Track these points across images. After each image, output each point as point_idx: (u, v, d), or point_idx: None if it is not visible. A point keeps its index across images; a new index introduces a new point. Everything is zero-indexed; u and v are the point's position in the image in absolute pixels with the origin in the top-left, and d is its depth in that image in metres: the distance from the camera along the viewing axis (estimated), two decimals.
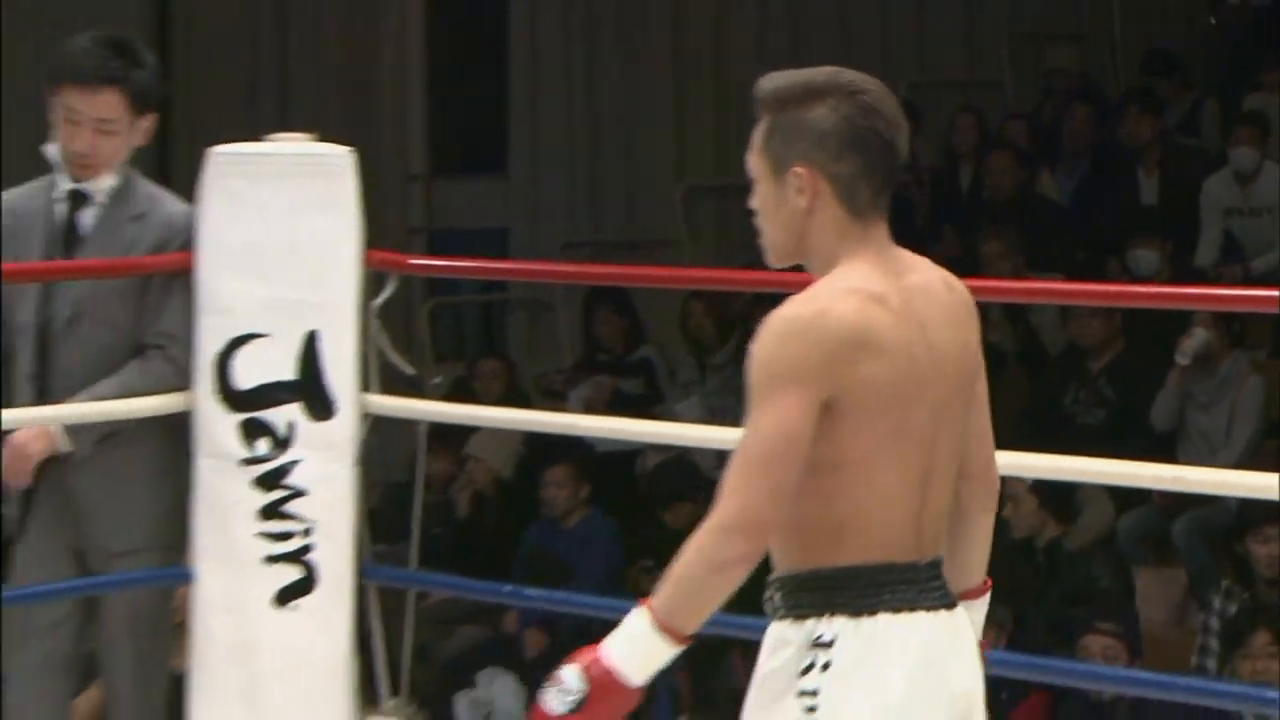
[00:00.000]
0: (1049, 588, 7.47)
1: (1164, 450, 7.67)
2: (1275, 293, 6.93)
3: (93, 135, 4.27)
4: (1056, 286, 7.05)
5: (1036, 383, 8.57)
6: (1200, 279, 8.63)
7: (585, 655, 2.80)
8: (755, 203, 2.93)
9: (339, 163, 4.44)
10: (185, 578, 4.42)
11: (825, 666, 2.80)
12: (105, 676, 4.52)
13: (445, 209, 11.14)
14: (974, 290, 8.69)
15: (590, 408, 8.75)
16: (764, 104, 2.91)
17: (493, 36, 11.09)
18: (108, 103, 4.26)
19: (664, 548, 8.27)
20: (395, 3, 10.98)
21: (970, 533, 3.02)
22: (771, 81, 2.90)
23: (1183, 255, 9.03)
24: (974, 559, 3.03)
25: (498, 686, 7.87)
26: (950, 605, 2.90)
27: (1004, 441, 3.97)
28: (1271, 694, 5.87)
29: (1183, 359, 7.79)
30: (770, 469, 2.73)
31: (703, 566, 2.76)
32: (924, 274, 2.96)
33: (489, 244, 10.88)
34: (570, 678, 2.78)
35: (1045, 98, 11.00)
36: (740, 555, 2.73)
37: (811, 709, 2.80)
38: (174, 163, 11.31)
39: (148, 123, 4.34)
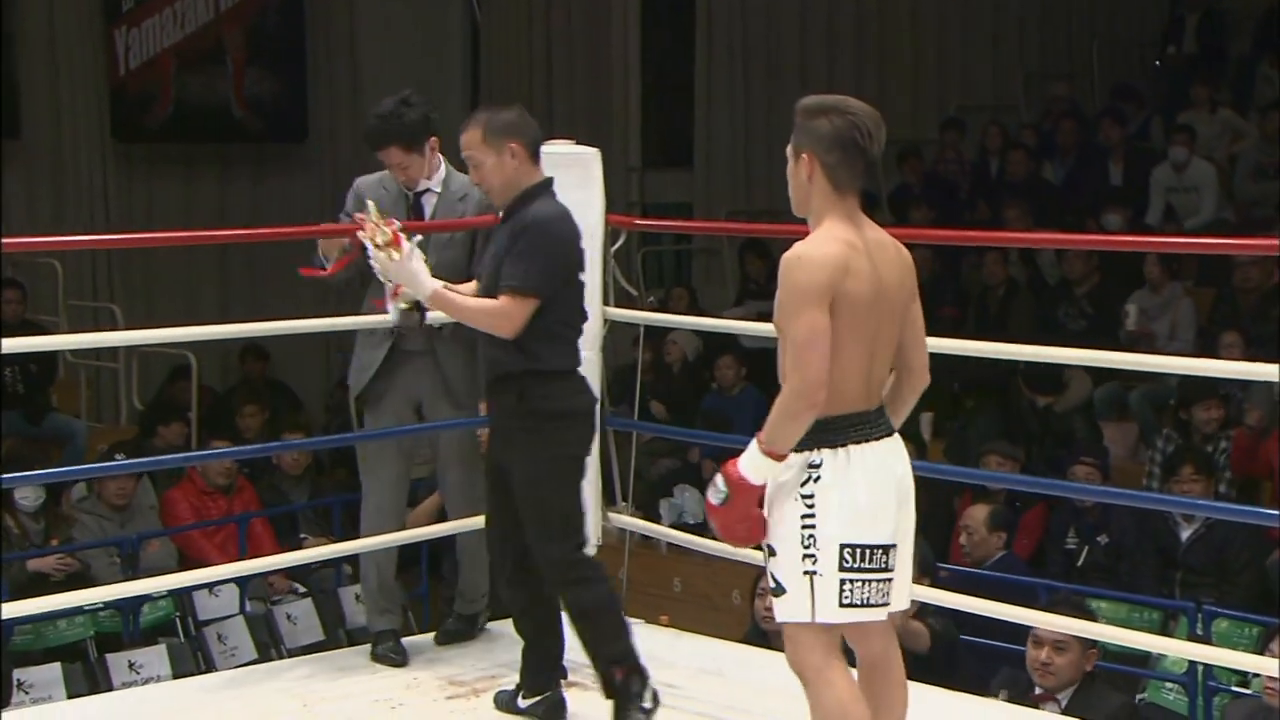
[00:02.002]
0: (1046, 436, 7.43)
1: (1125, 348, 7.58)
2: (1199, 240, 6.87)
3: (399, 170, 4.26)
4: (1054, 236, 6.97)
5: (1040, 302, 8.49)
6: (1150, 232, 8.50)
7: (726, 467, 2.89)
8: (789, 174, 2.97)
9: (589, 158, 4.42)
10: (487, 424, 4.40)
11: (816, 479, 2.87)
12: (442, 488, 4.46)
13: (652, 189, 11.13)
14: (998, 240, 8.63)
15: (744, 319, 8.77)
16: (796, 114, 2.95)
17: (682, 80, 11.05)
18: (394, 151, 4.23)
19: None
20: (620, 50, 10.96)
21: (901, 403, 3.04)
22: (802, 101, 2.96)
23: (1138, 218, 8.88)
24: (898, 416, 3.04)
25: (686, 497, 7.88)
26: (891, 433, 2.94)
27: (1019, 340, 3.96)
28: (1192, 502, 5.85)
29: (1130, 325, 7.69)
30: (814, 351, 2.80)
31: (783, 414, 2.82)
32: (880, 235, 2.96)
33: (680, 212, 10.86)
34: (719, 481, 2.90)
35: (1046, 115, 10.81)
36: (808, 406, 2.81)
37: (810, 505, 2.86)
38: None
39: (432, 143, 4.25)
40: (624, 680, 3.57)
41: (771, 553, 2.89)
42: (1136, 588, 5.99)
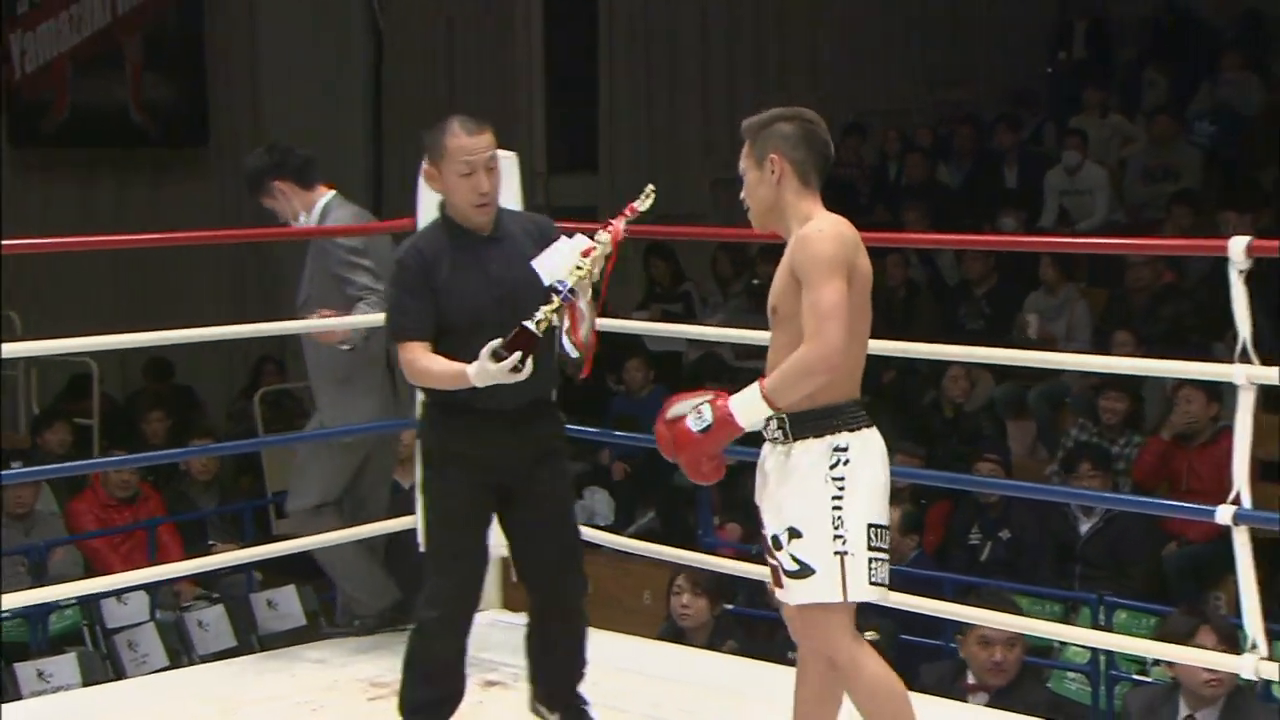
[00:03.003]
0: (952, 435, 7.55)
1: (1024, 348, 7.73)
2: (1089, 240, 7.03)
3: None
4: (954, 237, 7.06)
5: (941, 303, 8.63)
6: (1045, 234, 8.66)
7: (716, 400, 2.88)
8: (745, 192, 2.99)
9: (508, 163, 4.35)
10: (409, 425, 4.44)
11: (846, 462, 2.88)
12: (359, 496, 4.50)
13: (557, 193, 11.15)
14: (900, 242, 8.64)
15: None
16: (748, 131, 2.98)
17: (587, 82, 11.09)
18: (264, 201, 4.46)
19: None
20: (524, 54, 10.97)
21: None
22: (752, 119, 3.00)
23: (1033, 220, 9.06)
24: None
25: (597, 499, 7.90)
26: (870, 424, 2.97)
27: (924, 340, 4.06)
28: (1090, 494, 5.99)
29: (1031, 333, 7.83)
30: (839, 320, 2.81)
31: (799, 371, 2.82)
32: None
33: (585, 216, 10.82)
34: (706, 410, 2.86)
35: (943, 120, 10.98)
36: (826, 370, 2.82)
37: (841, 486, 2.86)
38: (387, 167, 11.42)
39: (279, 188, 4.39)
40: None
41: (795, 535, 2.87)
42: (1037, 581, 6.11)
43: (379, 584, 4.44)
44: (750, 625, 5.67)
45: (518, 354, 3.10)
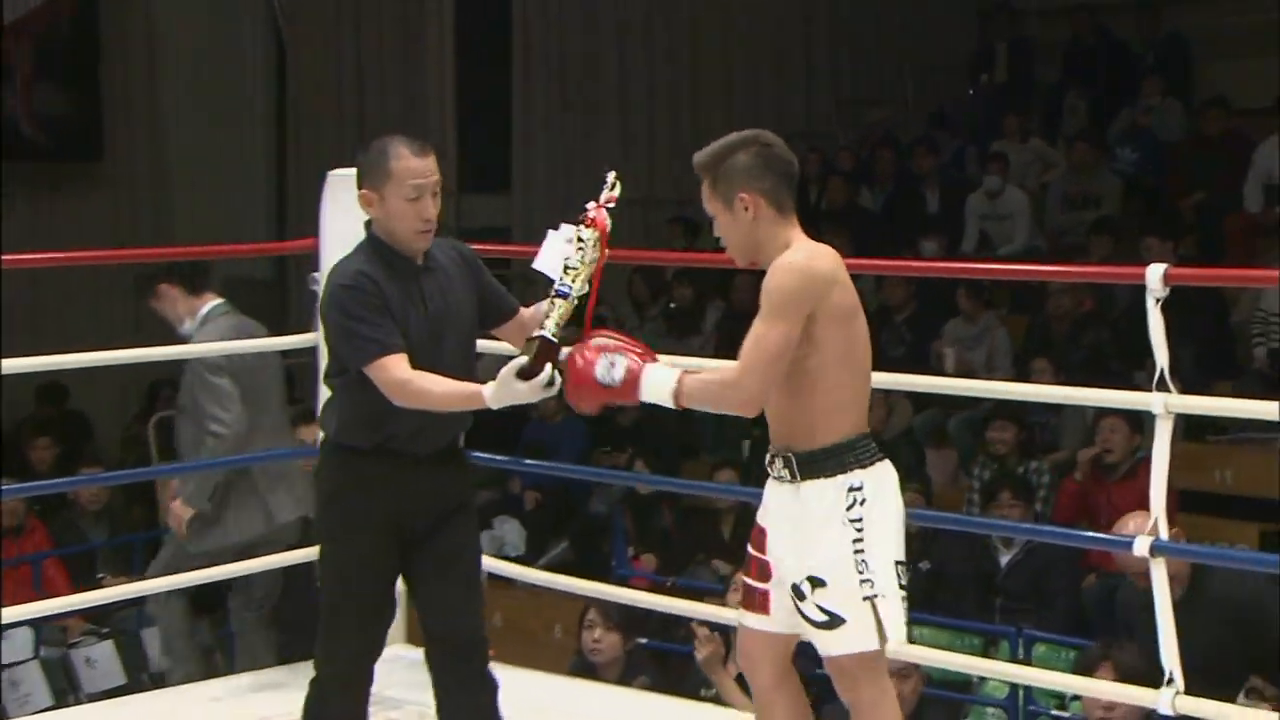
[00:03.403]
0: None
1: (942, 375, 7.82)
2: (1009, 266, 7.12)
3: None
4: (874, 263, 7.11)
5: None
6: (965, 259, 8.77)
7: (638, 360, 2.87)
8: (719, 232, 2.94)
9: None
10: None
11: (862, 502, 2.85)
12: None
13: (469, 213, 11.12)
14: None
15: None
16: (703, 170, 2.90)
17: (499, 98, 11.08)
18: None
19: (619, 437, 8.35)
20: (435, 70, 10.94)
21: None
22: (703, 154, 2.92)
23: (954, 246, 9.16)
24: None
25: (507, 529, 7.86)
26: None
27: None
28: (1009, 525, 6.05)
29: (948, 366, 7.92)
30: (777, 366, 2.79)
31: (713, 397, 2.84)
32: None
33: (497, 237, 10.84)
34: (620, 367, 2.86)
35: (863, 142, 11.09)
36: (737, 407, 2.84)
37: (859, 528, 2.83)
38: (289, 184, 11.32)
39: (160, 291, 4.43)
40: None
41: (817, 584, 2.83)
42: (958, 613, 6.16)
43: (186, 649, 4.44)
44: (663, 660, 5.66)
45: (549, 368, 2.96)
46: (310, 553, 4.30)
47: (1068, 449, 7.22)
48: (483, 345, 3.37)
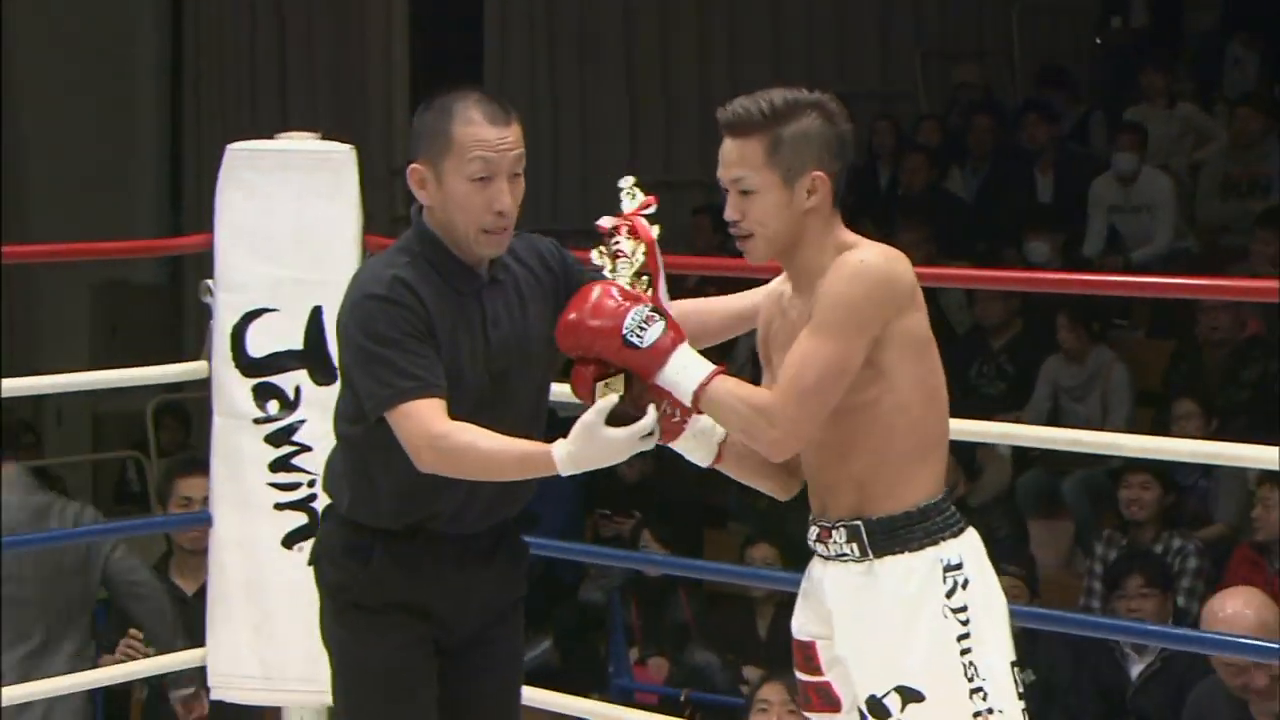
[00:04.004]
0: None
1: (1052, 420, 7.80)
2: (1151, 279, 7.06)
3: None
4: (965, 272, 7.05)
5: (946, 358, 8.63)
6: (1087, 267, 8.73)
7: (675, 333, 2.85)
8: (750, 211, 2.87)
9: (341, 158, 4.39)
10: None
11: (965, 584, 2.84)
12: None
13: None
14: None
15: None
16: (756, 125, 2.85)
17: (469, 51, 11.09)
18: None
19: (621, 498, 8.34)
20: (381, 20, 10.96)
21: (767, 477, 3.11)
22: (758, 104, 2.87)
23: (1073, 247, 9.13)
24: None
25: None
26: None
27: None
28: (1144, 627, 6.00)
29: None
30: (816, 404, 2.79)
31: (737, 419, 2.82)
32: None
33: None
34: (657, 327, 2.83)
35: (951, 108, 11.08)
36: (765, 444, 2.82)
37: (964, 620, 2.82)
38: (185, 157, 11.33)
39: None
40: None
41: (910, 698, 2.81)
42: None
43: None
44: None
45: (652, 411, 2.86)
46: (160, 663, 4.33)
47: (1222, 523, 7.18)
48: None
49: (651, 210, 2.96)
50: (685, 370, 2.81)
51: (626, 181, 2.99)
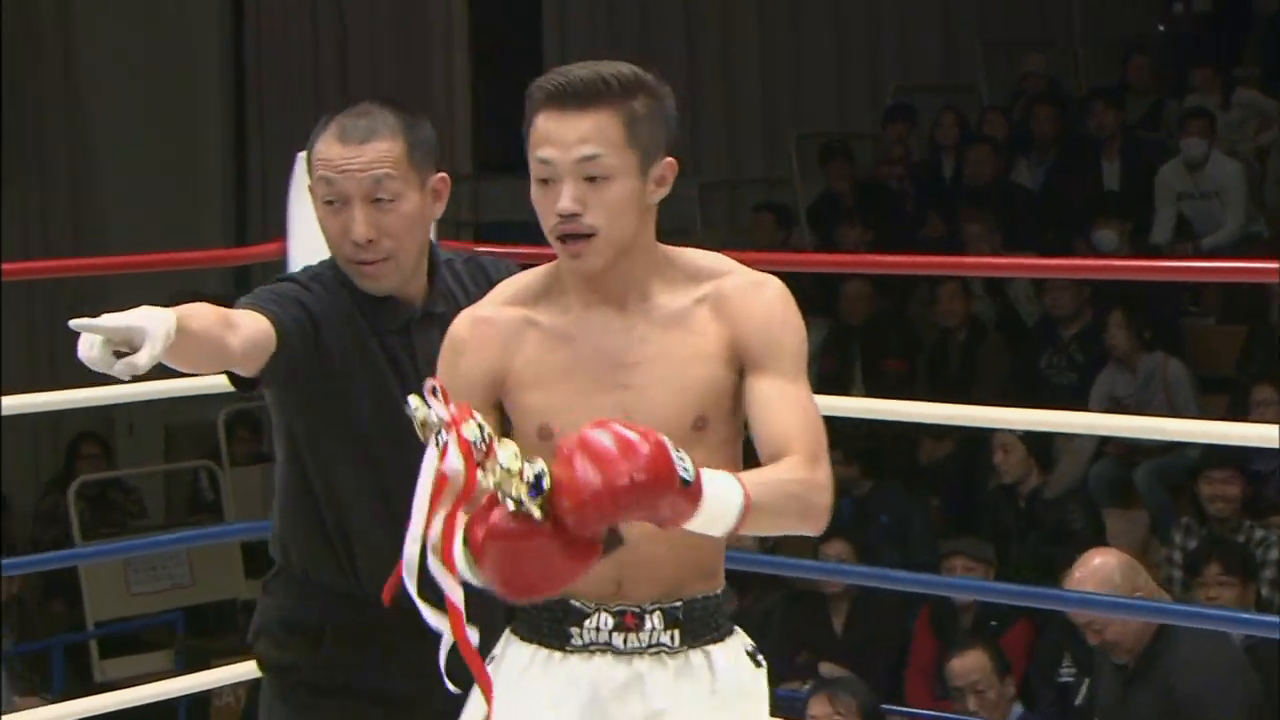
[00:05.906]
0: (1029, 531, 7.55)
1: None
2: (1223, 264, 7.04)
3: None
4: (1032, 261, 7.06)
5: (1015, 349, 8.65)
6: (1156, 255, 8.71)
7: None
8: (579, 203, 2.42)
9: None
10: None
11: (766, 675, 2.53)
12: None
13: (487, 204, 11.16)
14: (960, 267, 8.68)
15: None
16: (613, 94, 2.41)
17: (530, 56, 11.13)
18: None
19: None
20: (442, 27, 11.03)
21: None
22: (599, 72, 2.43)
23: (1141, 235, 9.12)
24: None
25: None
26: None
27: (987, 400, 4.05)
28: (1221, 614, 5.97)
29: None
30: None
31: (796, 505, 2.33)
32: None
33: (525, 234, 10.84)
34: (686, 457, 2.16)
35: (1016, 98, 11.06)
36: (821, 514, 2.37)
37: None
38: (249, 170, 11.42)
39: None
40: None
41: None
42: None
43: None
44: None
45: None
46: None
47: None
48: None
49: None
50: (724, 495, 2.22)
51: (432, 382, 2.25)
